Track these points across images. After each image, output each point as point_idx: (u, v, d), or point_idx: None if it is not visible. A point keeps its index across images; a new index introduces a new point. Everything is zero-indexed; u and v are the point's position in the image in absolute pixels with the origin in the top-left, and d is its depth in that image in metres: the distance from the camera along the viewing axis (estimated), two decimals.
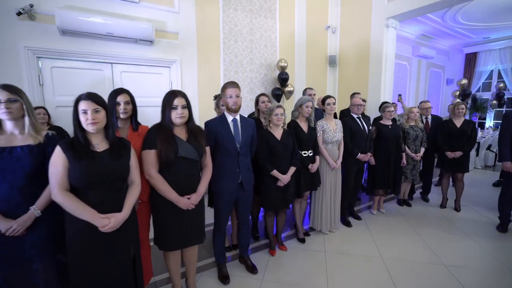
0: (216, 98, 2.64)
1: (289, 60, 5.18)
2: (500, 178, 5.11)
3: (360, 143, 3.08)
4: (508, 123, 2.94)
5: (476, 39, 8.53)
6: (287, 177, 2.39)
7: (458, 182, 3.57)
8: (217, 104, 2.57)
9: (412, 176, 3.65)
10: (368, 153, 3.11)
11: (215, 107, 2.64)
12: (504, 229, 3.04)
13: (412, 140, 3.59)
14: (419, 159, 3.60)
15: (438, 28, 7.43)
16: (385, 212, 3.58)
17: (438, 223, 3.25)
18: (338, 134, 2.89)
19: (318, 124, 2.86)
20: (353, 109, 3.15)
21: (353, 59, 5.47)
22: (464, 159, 3.44)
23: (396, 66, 7.62)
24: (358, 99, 3.15)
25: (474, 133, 3.43)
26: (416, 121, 3.64)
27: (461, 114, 3.48)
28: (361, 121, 3.14)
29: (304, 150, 2.67)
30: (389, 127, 3.36)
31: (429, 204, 3.88)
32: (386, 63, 4.92)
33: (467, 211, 3.63)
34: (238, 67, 4.66)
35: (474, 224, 3.22)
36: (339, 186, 3.00)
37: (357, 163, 3.12)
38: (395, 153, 3.34)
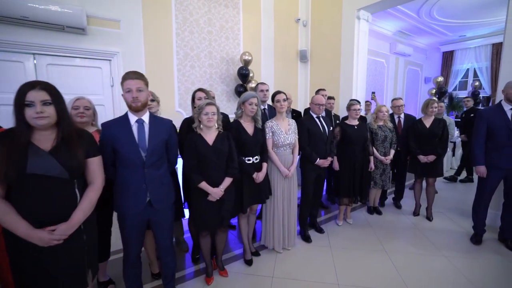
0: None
1: (255, 54, 4.74)
2: (468, 175, 4.91)
3: (319, 146, 2.68)
4: (482, 123, 2.61)
5: (452, 37, 8.42)
6: (219, 190, 1.93)
7: (429, 188, 3.24)
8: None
9: (381, 181, 3.28)
10: (329, 157, 2.71)
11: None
12: (478, 240, 2.71)
13: (380, 141, 3.23)
14: (389, 163, 3.24)
15: (415, 24, 7.23)
16: (353, 222, 3.20)
17: (409, 236, 2.89)
18: (291, 136, 2.47)
19: (267, 125, 2.43)
20: (313, 108, 2.74)
21: (325, 54, 5.09)
22: (436, 163, 3.10)
23: (373, 63, 7.37)
24: (319, 96, 2.74)
25: (445, 134, 3.10)
26: (385, 121, 3.28)
27: (434, 113, 3.15)
28: (320, 122, 2.73)
29: (248, 156, 2.23)
30: (355, 128, 2.97)
31: (402, 212, 3.54)
32: (358, 57, 4.57)
33: (441, 219, 3.30)
34: (194, 61, 4.17)
35: (447, 235, 2.89)
36: (295, 197, 2.58)
37: (316, 169, 2.71)
38: (362, 156, 2.96)
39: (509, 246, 2.60)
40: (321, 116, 2.77)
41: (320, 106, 2.67)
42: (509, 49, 2.94)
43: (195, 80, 4.20)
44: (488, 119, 2.58)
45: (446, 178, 4.98)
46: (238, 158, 2.15)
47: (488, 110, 2.65)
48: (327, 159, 2.69)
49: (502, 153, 2.50)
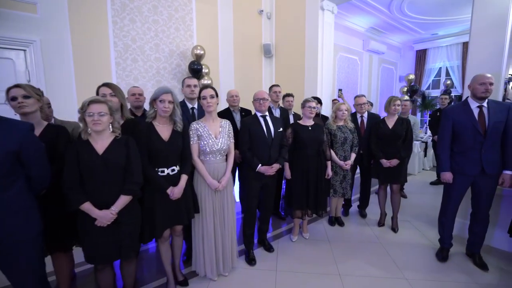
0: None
1: (211, 48, 4.28)
2: (438, 177, 4.67)
3: (262, 150, 2.26)
4: (447, 122, 2.28)
5: (425, 35, 8.32)
6: (107, 213, 1.47)
7: (394, 196, 2.90)
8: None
9: (342, 189, 2.91)
10: (275, 164, 2.30)
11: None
12: (444, 256, 2.39)
13: (340, 144, 2.85)
14: (349, 168, 2.87)
15: (387, 21, 7.02)
16: (309, 237, 2.80)
17: (369, 252, 2.53)
18: (223, 141, 2.03)
19: (191, 128, 1.98)
20: (254, 105, 2.32)
21: (289, 48, 4.71)
22: (399, 168, 2.77)
23: (346, 60, 7.09)
24: (260, 91, 2.32)
25: (409, 135, 2.77)
26: (346, 121, 2.91)
27: (397, 112, 2.81)
28: (265, 121, 2.31)
29: (162, 167, 1.77)
30: (309, 129, 2.57)
31: (366, 221, 3.19)
32: (323, 52, 4.22)
33: (407, 229, 2.98)
34: (137, 54, 3.65)
35: (411, 251, 2.55)
36: (231, 212, 2.13)
37: (261, 178, 2.29)
38: (317, 162, 2.57)
39: (477, 263, 2.29)
40: (268, 115, 2.35)
41: (260, 101, 2.26)
42: (475, 47, 2.65)
43: (138, 75, 3.68)
44: (453, 119, 2.25)
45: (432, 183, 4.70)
46: (148, 170, 1.69)
47: (453, 108, 2.32)
48: (272, 166, 2.27)
49: (468, 157, 2.18)
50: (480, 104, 2.16)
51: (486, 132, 2.11)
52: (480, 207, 2.25)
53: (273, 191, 2.49)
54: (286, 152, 2.42)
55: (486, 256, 2.40)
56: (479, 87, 2.12)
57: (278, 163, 2.31)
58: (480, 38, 2.62)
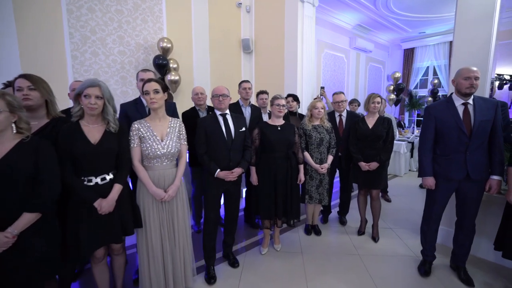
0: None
1: (184, 42, 3.99)
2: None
3: (221, 153, 1.98)
4: (430, 122, 2.04)
5: (412, 33, 8.19)
6: None
7: (373, 202, 2.66)
8: None
9: (318, 195, 2.65)
10: (237, 168, 2.02)
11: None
12: (427, 270, 2.15)
13: (315, 145, 2.59)
14: (326, 171, 2.61)
15: (374, 18, 6.84)
16: (281, 249, 2.53)
17: (345, 267, 2.27)
18: (171, 144, 1.73)
19: (132, 128, 1.68)
20: (214, 102, 2.04)
21: (269, 43, 4.43)
22: (379, 172, 2.52)
23: (332, 58, 6.87)
24: (220, 87, 2.04)
25: (390, 135, 2.52)
26: (322, 120, 2.65)
27: (377, 110, 2.57)
28: (225, 121, 2.03)
29: (89, 175, 1.47)
30: (278, 129, 2.30)
31: (345, 229, 2.94)
32: (303, 47, 3.95)
33: (388, 238, 2.74)
34: (97, 47, 3.32)
35: (391, 264, 2.31)
36: (183, 225, 1.84)
37: (221, 184, 2.01)
38: (287, 166, 2.30)
39: (462, 278, 2.06)
40: (228, 114, 2.07)
41: (220, 97, 1.97)
42: (460, 40, 2.43)
43: (99, 70, 3.35)
44: (436, 117, 2.01)
45: (421, 186, 4.49)
46: (69, 180, 1.39)
47: (436, 105, 2.08)
48: (233, 170, 1.99)
49: (452, 160, 1.94)
50: (465, 101, 1.93)
51: (472, 132, 1.87)
52: (465, 215, 2.02)
53: (237, 198, 2.20)
54: (249, 154, 2.15)
55: (472, 268, 2.17)
56: (464, 82, 1.88)
57: (241, 167, 2.04)
58: (466, 31, 2.41)
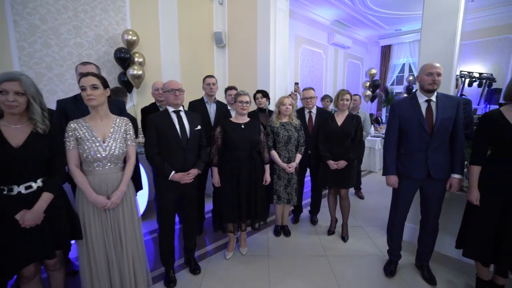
0: None
1: (150, 34, 3.75)
2: None
3: (175, 153, 1.83)
4: (394, 119, 1.98)
5: (389, 30, 8.29)
6: None
7: (342, 201, 2.61)
8: None
9: (287, 195, 2.56)
10: (193, 169, 1.88)
11: None
12: (392, 270, 2.12)
13: (283, 143, 2.49)
14: (295, 170, 2.52)
15: (352, 14, 6.83)
16: (247, 252, 2.43)
17: (311, 269, 2.19)
18: (115, 145, 1.56)
19: (67, 129, 1.49)
20: (169, 97, 1.87)
21: (242, 37, 4.27)
22: (346, 171, 2.46)
23: (310, 53, 6.81)
24: (173, 81, 1.88)
25: (359, 133, 2.47)
26: (290, 117, 2.55)
27: (346, 107, 2.49)
28: (179, 118, 1.87)
29: (10, 184, 1.28)
30: (241, 127, 2.18)
31: (316, 229, 2.88)
32: (276, 41, 3.83)
33: (357, 237, 2.70)
34: (50, 37, 3.03)
35: (358, 265, 2.26)
36: (131, 232, 1.67)
37: (176, 187, 1.86)
38: (250, 165, 2.18)
39: (425, 276, 2.04)
40: (182, 110, 1.91)
41: (176, 92, 1.82)
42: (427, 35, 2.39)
43: (52, 63, 3.07)
44: (400, 115, 1.96)
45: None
46: None
47: (400, 102, 2.03)
48: (189, 172, 1.85)
49: (414, 159, 1.90)
50: (429, 98, 1.88)
51: (433, 130, 1.83)
52: (428, 214, 2.00)
53: (195, 201, 2.06)
54: (206, 154, 2.02)
55: (436, 266, 2.17)
56: (426, 78, 1.83)
57: (197, 168, 1.90)
58: (432, 28, 2.38)
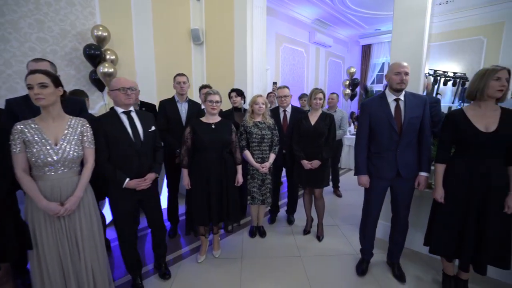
0: None
1: (122, 30, 3.60)
2: None
3: (128, 158, 1.72)
4: (364, 118, 1.98)
5: (369, 30, 8.43)
6: None
7: (317, 201, 2.61)
8: None
9: (261, 195, 2.53)
10: (149, 174, 1.79)
11: None
12: (364, 269, 2.13)
13: (256, 143, 2.45)
14: (268, 170, 2.49)
15: (332, 13, 6.89)
16: (220, 255, 2.37)
17: (284, 271, 2.17)
18: (69, 148, 1.46)
19: (14, 130, 1.38)
20: (119, 97, 1.70)
21: (220, 35, 4.19)
22: (320, 170, 2.45)
23: (291, 51, 6.80)
24: (123, 79, 1.75)
25: (332, 132, 2.46)
26: (264, 116, 2.51)
27: (319, 106, 2.48)
28: (130, 120, 1.76)
29: None
30: (211, 127, 2.11)
31: (292, 229, 2.87)
32: (253, 39, 3.77)
33: (332, 236, 2.71)
34: (8, 31, 2.83)
35: (331, 264, 2.26)
36: (95, 240, 1.59)
37: (131, 196, 1.75)
38: (221, 167, 2.12)
39: (395, 274, 2.07)
40: (133, 111, 1.79)
41: (128, 91, 1.69)
42: (397, 34, 2.43)
43: (12, 59, 2.87)
44: (370, 114, 1.96)
45: None
46: None
47: (371, 101, 2.03)
48: (146, 177, 1.76)
49: (384, 158, 1.90)
50: (397, 97, 1.89)
51: (402, 129, 1.85)
52: (398, 212, 2.02)
53: (156, 206, 1.97)
54: (161, 156, 1.93)
55: (406, 262, 2.21)
56: (395, 77, 1.85)
57: (154, 172, 1.81)
58: (401, 26, 2.41)
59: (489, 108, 1.60)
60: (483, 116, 1.60)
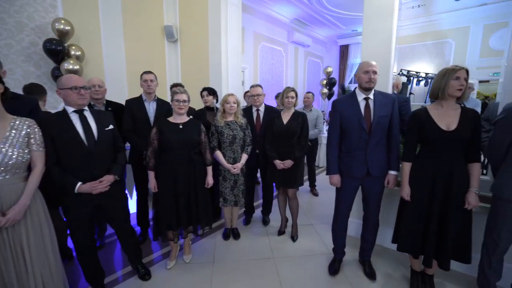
0: None
1: (87, 25, 3.39)
2: None
3: (80, 161, 1.59)
4: (335, 117, 1.98)
5: (346, 30, 8.59)
6: None
7: (291, 202, 2.58)
8: None
9: (234, 196, 2.46)
10: (107, 176, 1.67)
11: None
12: (336, 269, 2.13)
13: (228, 143, 2.38)
14: (241, 171, 2.43)
15: (309, 13, 6.94)
16: (191, 260, 2.29)
17: (256, 274, 2.12)
18: (11, 151, 1.32)
19: None
20: (71, 97, 1.56)
21: (194, 32, 4.07)
22: (293, 170, 2.42)
23: (270, 50, 6.78)
24: (74, 78, 1.60)
25: (304, 131, 2.44)
26: (236, 115, 2.44)
27: (291, 105, 2.45)
28: (83, 120, 1.63)
29: None
30: (179, 127, 2.02)
31: (267, 230, 2.83)
32: (228, 37, 3.69)
33: (307, 236, 2.70)
34: None
35: (304, 265, 2.24)
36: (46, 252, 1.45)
37: (88, 200, 1.63)
38: (189, 168, 2.03)
39: (366, 272, 2.09)
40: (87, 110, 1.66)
41: (79, 90, 1.56)
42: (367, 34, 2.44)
43: None
44: (341, 113, 1.95)
45: None
46: None
47: (341, 100, 2.02)
48: (102, 179, 1.64)
49: (354, 157, 1.90)
50: (367, 95, 1.89)
51: (371, 128, 1.85)
52: (369, 211, 2.03)
53: (122, 208, 1.87)
54: (124, 157, 1.82)
55: (377, 259, 2.24)
56: (363, 76, 1.85)
57: (113, 173, 1.70)
58: (370, 25, 2.42)
59: (450, 107, 1.63)
60: (445, 115, 1.64)
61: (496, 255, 1.65)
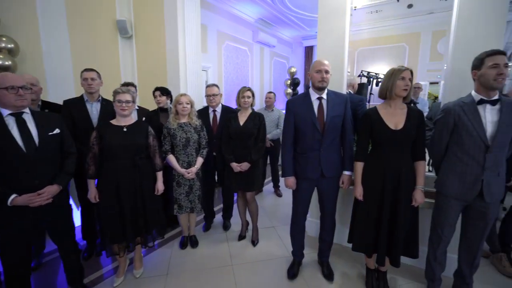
0: None
1: (22, 14, 3.00)
2: None
3: (13, 169, 1.37)
4: (289, 118, 1.93)
5: (310, 32, 8.78)
6: None
7: (249, 205, 2.50)
8: None
9: (189, 203, 2.32)
10: (50, 187, 1.46)
11: None
12: (295, 272, 2.09)
13: (181, 146, 2.23)
14: (195, 176, 2.29)
15: (273, 13, 6.95)
16: (142, 274, 2.10)
17: (212, 283, 2.00)
18: None
19: None
20: (4, 98, 1.39)
21: (150, 28, 3.82)
22: (251, 173, 2.35)
23: (234, 50, 6.66)
24: (10, 76, 1.41)
25: (261, 133, 2.38)
26: (190, 117, 2.30)
27: (247, 105, 2.37)
28: (21, 124, 1.42)
29: None
30: (123, 130, 1.83)
31: (227, 235, 2.72)
32: (186, 35, 3.52)
33: (268, 240, 2.63)
34: None
35: (263, 271, 2.17)
36: None
37: (26, 213, 1.41)
38: (134, 175, 1.84)
39: (325, 273, 2.08)
40: (28, 113, 1.46)
41: (19, 90, 1.36)
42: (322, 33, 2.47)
43: None
44: (295, 112, 1.91)
45: None
46: None
47: (295, 100, 1.98)
48: (42, 191, 1.42)
49: (308, 158, 1.87)
50: (320, 95, 1.87)
51: (324, 128, 1.83)
52: (325, 212, 2.01)
53: (65, 221, 1.65)
54: (72, 164, 1.62)
55: (335, 259, 2.25)
56: (316, 75, 1.82)
57: (57, 183, 1.49)
58: (325, 25, 2.47)
59: (397, 107, 1.67)
60: (393, 114, 1.66)
61: (440, 249, 1.72)
